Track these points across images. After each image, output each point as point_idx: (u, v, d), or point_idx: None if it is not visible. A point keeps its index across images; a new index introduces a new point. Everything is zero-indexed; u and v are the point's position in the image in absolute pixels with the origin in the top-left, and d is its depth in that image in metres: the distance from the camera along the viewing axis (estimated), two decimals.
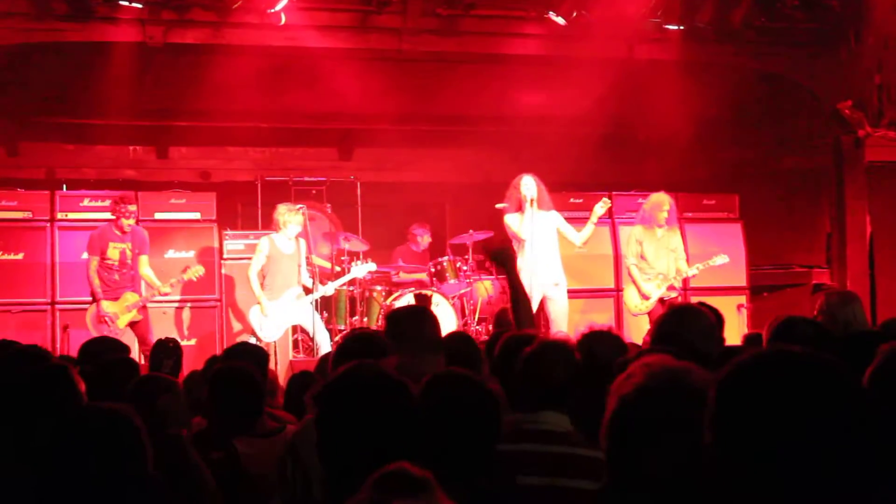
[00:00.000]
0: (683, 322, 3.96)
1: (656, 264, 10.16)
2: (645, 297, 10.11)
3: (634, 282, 10.23)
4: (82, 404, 3.64)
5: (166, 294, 10.09)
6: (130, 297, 9.82)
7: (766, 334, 4.39)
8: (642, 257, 10.20)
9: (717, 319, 4.32)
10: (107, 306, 9.67)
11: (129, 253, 9.89)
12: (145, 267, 10.04)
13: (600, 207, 9.66)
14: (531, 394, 3.62)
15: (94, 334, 8.94)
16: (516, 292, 5.60)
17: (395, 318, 4.73)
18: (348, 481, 2.65)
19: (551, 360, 3.66)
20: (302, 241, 10.38)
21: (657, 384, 2.22)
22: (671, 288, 10.17)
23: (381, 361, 3.90)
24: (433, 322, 4.68)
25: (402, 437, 2.91)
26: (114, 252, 9.82)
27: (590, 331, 4.19)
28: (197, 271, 10.19)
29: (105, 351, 5.78)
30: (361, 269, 10.71)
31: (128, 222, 9.84)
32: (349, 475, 2.75)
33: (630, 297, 10.33)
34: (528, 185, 9.52)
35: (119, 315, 9.71)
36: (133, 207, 9.94)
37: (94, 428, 3.11)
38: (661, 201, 10.25)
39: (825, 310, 5.56)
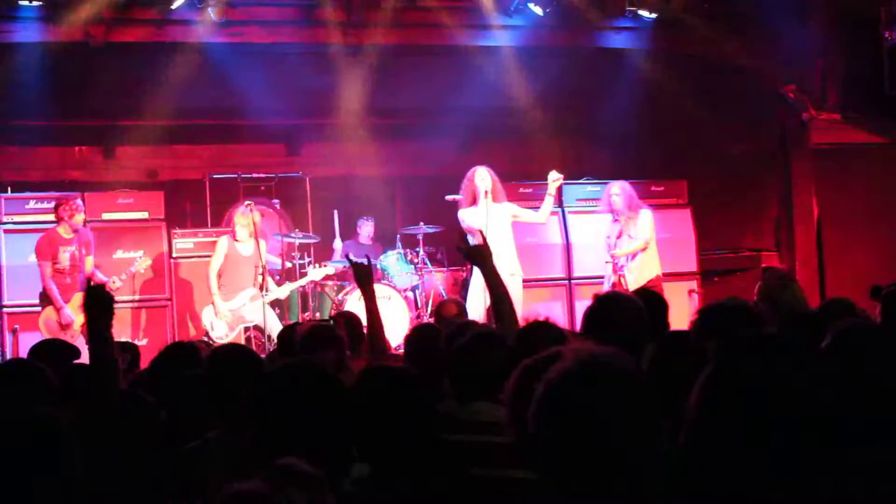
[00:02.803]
0: (610, 309, 3.98)
1: (617, 251, 10.17)
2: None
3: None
4: None
5: (116, 289, 9.99)
6: (80, 298, 9.72)
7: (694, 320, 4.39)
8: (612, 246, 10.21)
9: (653, 305, 4.33)
10: (70, 312, 9.58)
11: (77, 255, 9.82)
12: (90, 266, 9.99)
13: (552, 180, 9.56)
14: (464, 385, 3.63)
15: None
16: (496, 289, 4.97)
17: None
18: None
19: (482, 352, 3.66)
20: (262, 243, 10.32)
21: (583, 368, 2.22)
22: (616, 269, 10.12)
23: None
24: None
25: (337, 431, 2.93)
26: (64, 256, 9.74)
27: (527, 322, 4.19)
28: (144, 262, 10.18)
29: (59, 353, 5.71)
30: (318, 273, 10.69)
31: (80, 217, 9.76)
32: None
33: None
34: (483, 177, 9.48)
35: (74, 318, 9.63)
36: (80, 202, 9.88)
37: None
38: (607, 191, 10.28)
39: (766, 294, 5.58)
